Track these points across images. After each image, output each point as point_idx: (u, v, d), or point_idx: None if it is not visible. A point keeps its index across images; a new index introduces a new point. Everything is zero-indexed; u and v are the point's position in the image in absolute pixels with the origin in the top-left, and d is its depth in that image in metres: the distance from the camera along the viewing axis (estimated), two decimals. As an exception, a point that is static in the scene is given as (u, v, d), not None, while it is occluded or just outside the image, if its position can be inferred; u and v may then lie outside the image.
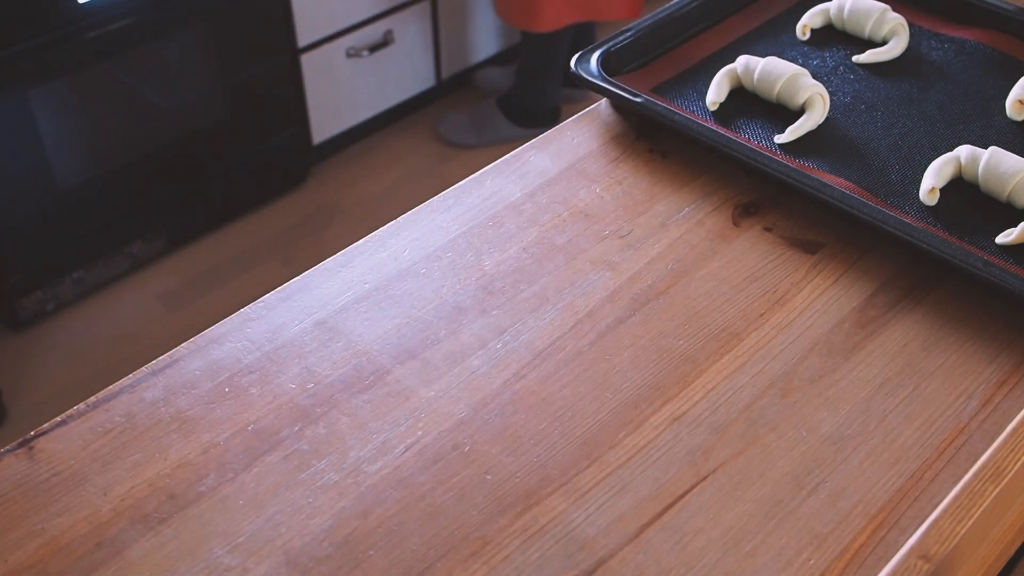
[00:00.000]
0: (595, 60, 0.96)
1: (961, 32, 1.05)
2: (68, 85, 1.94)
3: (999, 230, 0.82)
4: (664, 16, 1.04)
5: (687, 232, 0.84)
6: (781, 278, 0.81)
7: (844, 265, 0.82)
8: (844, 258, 0.82)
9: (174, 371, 0.75)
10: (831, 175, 0.86)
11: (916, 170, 0.87)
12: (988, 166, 0.85)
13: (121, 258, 2.18)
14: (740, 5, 1.10)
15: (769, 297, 0.79)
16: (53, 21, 1.85)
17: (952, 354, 0.75)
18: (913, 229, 0.80)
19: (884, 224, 0.80)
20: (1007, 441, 0.63)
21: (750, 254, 0.83)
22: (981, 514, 0.60)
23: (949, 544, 0.58)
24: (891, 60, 1.01)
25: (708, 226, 0.85)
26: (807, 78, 0.93)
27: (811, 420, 0.70)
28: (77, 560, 0.63)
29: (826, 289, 0.80)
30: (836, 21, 1.05)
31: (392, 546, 0.64)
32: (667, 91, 0.98)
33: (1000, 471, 0.62)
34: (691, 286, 0.80)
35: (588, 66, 0.95)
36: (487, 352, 0.75)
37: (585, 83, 0.94)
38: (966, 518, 0.59)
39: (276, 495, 0.67)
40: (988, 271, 0.76)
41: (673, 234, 0.84)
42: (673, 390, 0.72)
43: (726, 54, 1.02)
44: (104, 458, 0.69)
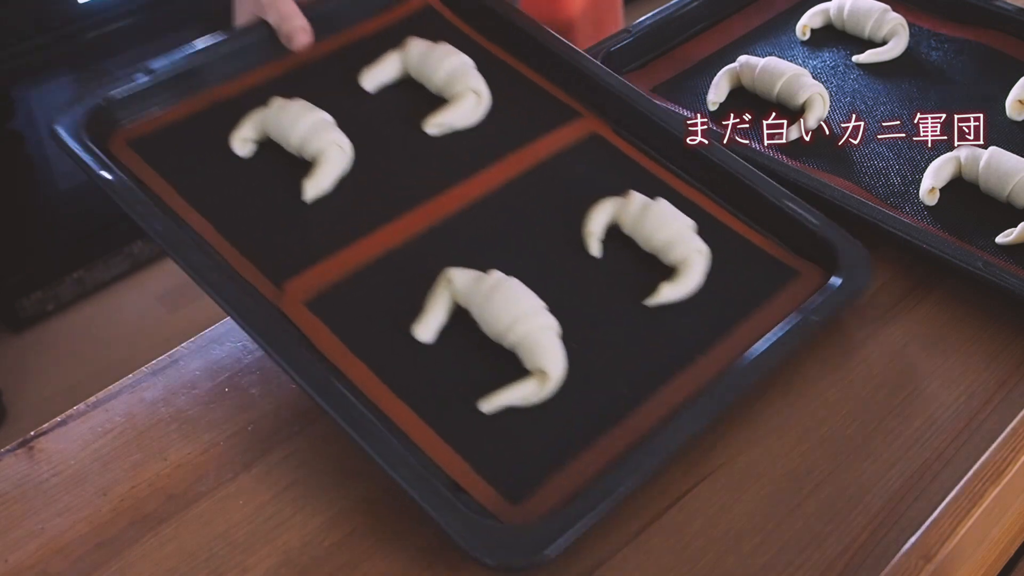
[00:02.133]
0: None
1: (961, 32, 1.05)
2: (68, 85, 1.94)
3: (999, 230, 0.81)
4: (664, 16, 1.04)
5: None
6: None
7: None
8: (844, 258, 0.82)
9: (174, 371, 0.75)
10: (831, 175, 0.86)
11: (916, 170, 0.87)
12: (988, 166, 0.84)
13: (121, 258, 2.18)
14: (740, 5, 1.10)
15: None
16: (53, 21, 1.85)
17: (952, 354, 0.75)
18: (913, 229, 0.80)
19: (884, 224, 0.80)
20: (1007, 441, 0.64)
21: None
22: (981, 514, 0.60)
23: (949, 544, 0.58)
24: (891, 60, 1.01)
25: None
26: (807, 78, 0.93)
27: (811, 420, 0.70)
28: (77, 560, 0.63)
29: (826, 289, 0.80)
30: (836, 21, 1.05)
31: (392, 546, 0.64)
32: (667, 91, 0.97)
33: (1000, 471, 0.62)
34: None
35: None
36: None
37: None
38: (966, 518, 0.59)
39: (276, 495, 0.66)
40: (988, 271, 0.76)
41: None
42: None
43: (726, 54, 1.02)
44: (104, 458, 0.69)
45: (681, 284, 0.74)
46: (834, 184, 0.84)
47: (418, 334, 0.69)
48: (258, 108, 0.81)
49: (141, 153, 0.79)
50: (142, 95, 0.82)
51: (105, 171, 0.74)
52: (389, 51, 0.87)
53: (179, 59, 0.84)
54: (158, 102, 0.82)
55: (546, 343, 0.67)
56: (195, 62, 0.84)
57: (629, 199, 0.77)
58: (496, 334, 0.68)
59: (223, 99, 0.84)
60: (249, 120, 0.80)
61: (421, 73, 0.86)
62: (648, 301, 0.73)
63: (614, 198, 0.78)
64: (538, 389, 0.66)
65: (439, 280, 0.71)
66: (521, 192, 0.80)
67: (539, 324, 0.68)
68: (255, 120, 0.80)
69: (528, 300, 0.69)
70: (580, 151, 0.84)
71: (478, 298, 0.69)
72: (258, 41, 0.87)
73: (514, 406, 0.66)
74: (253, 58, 0.86)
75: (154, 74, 0.82)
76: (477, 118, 0.84)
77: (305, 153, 0.78)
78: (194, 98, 0.83)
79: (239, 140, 0.80)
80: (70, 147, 0.76)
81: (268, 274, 0.72)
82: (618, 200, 0.78)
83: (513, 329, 0.67)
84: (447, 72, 0.84)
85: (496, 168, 0.81)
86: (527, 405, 0.66)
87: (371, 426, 0.63)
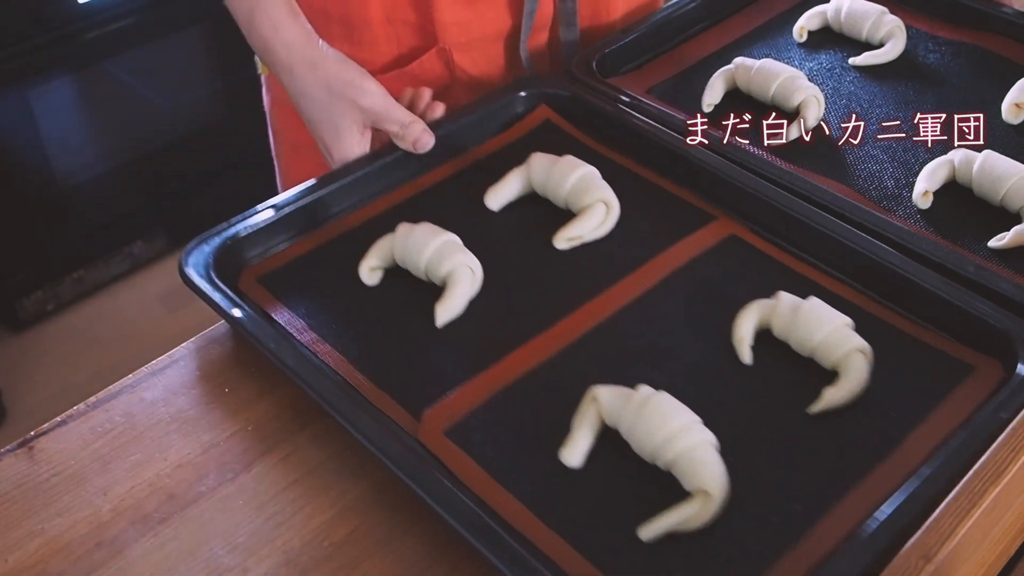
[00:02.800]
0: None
1: (959, 35, 1.05)
2: (68, 85, 1.94)
3: (992, 234, 0.81)
4: (661, 17, 1.03)
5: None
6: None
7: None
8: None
9: (174, 371, 0.75)
10: (824, 178, 0.85)
11: (910, 173, 0.87)
12: (982, 169, 0.83)
13: (121, 258, 2.18)
14: (738, 6, 1.09)
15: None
16: (53, 21, 1.85)
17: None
18: (905, 233, 0.78)
19: (876, 228, 0.78)
20: (1007, 441, 0.63)
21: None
22: (981, 514, 0.60)
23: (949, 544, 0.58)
24: (888, 62, 1.01)
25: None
26: (803, 80, 0.92)
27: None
28: (77, 560, 0.63)
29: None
30: (833, 23, 1.04)
31: (393, 546, 0.64)
32: (663, 92, 0.97)
33: (1000, 471, 0.62)
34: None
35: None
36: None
37: None
38: (966, 518, 0.59)
39: (276, 495, 0.67)
40: (979, 276, 0.75)
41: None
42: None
43: (723, 55, 1.01)
44: (104, 458, 0.69)
45: (844, 387, 0.68)
46: (827, 187, 0.83)
47: (566, 459, 0.65)
48: (384, 236, 0.79)
49: (271, 288, 0.77)
50: (268, 231, 0.81)
51: (236, 309, 0.73)
52: (512, 168, 0.85)
53: (302, 193, 0.83)
54: (284, 237, 0.82)
55: (705, 460, 0.62)
56: (318, 195, 0.83)
57: (778, 300, 0.72)
58: (649, 453, 0.64)
59: (347, 229, 0.83)
60: (376, 248, 0.78)
61: (547, 187, 0.83)
62: (811, 409, 0.68)
63: (761, 301, 0.73)
64: (701, 511, 0.61)
65: (585, 399, 0.66)
66: (661, 301, 0.76)
67: (696, 440, 0.63)
68: (382, 247, 0.78)
69: (681, 415, 0.64)
70: (718, 254, 0.80)
71: (627, 416, 0.64)
72: (379, 170, 0.86)
73: (676, 531, 0.61)
74: (374, 187, 0.86)
75: (279, 210, 0.81)
76: (607, 229, 0.81)
77: (434, 276, 0.76)
78: (319, 231, 0.82)
79: (367, 269, 0.78)
80: (200, 287, 0.75)
81: (404, 404, 0.69)
82: (766, 302, 0.73)
83: (667, 447, 0.63)
84: (573, 184, 0.82)
85: (632, 279, 0.78)
86: (690, 529, 0.61)
87: (527, 564, 0.59)
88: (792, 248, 0.80)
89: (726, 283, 0.77)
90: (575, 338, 0.73)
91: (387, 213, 0.84)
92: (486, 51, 0.98)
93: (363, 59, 0.92)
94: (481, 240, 0.79)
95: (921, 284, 0.74)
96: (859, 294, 0.76)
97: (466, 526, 0.60)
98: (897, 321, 0.74)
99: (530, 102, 0.93)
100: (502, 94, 0.93)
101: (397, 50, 0.95)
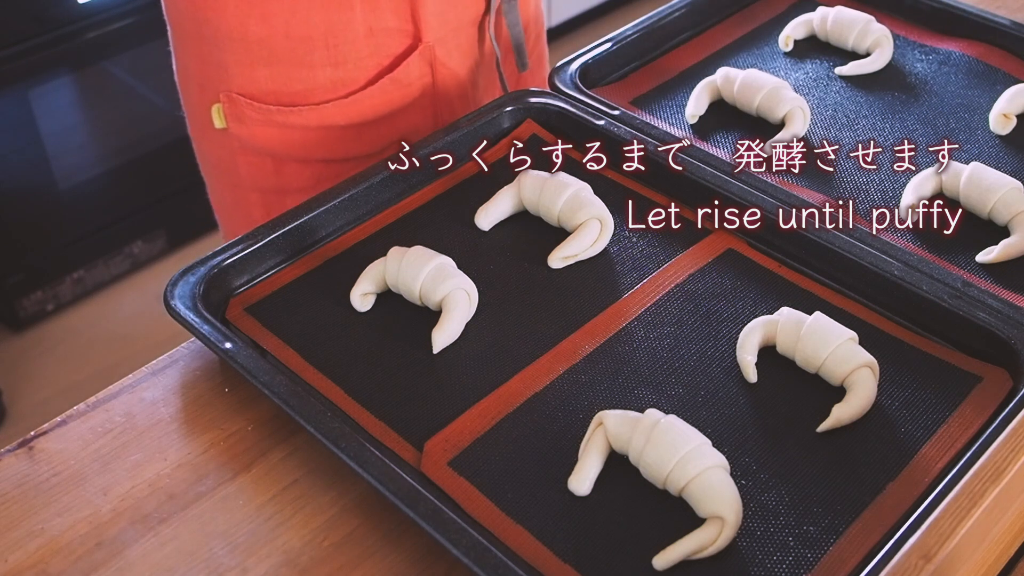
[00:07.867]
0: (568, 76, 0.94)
1: (946, 43, 1.03)
2: (68, 85, 1.94)
3: (980, 247, 0.79)
4: (644, 27, 1.01)
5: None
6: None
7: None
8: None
9: (174, 371, 0.75)
10: (809, 190, 0.84)
11: (897, 186, 0.85)
12: (969, 181, 0.82)
13: (121, 258, 2.18)
14: (722, 16, 1.07)
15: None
16: (53, 21, 1.85)
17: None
18: (891, 248, 0.77)
19: (862, 243, 0.77)
20: (1007, 441, 0.63)
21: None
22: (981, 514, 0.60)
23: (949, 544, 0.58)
24: (874, 72, 0.99)
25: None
26: (788, 91, 0.91)
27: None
28: (77, 560, 0.63)
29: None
30: (820, 32, 1.03)
31: (393, 546, 0.64)
32: (646, 103, 0.95)
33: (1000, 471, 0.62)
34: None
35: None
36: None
37: None
38: (966, 518, 0.59)
39: (276, 495, 0.66)
40: (966, 290, 0.73)
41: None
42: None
43: (708, 65, 0.99)
44: (104, 458, 0.69)
45: (853, 403, 0.67)
46: (812, 200, 0.81)
47: (575, 487, 0.63)
48: (375, 261, 0.77)
49: (259, 318, 0.76)
50: (254, 258, 0.79)
51: (227, 342, 0.71)
52: (502, 187, 0.84)
53: (287, 218, 0.81)
54: (271, 264, 0.80)
55: (717, 484, 0.61)
56: (304, 220, 0.81)
57: (782, 317, 0.71)
58: (659, 478, 0.63)
59: (336, 254, 0.81)
60: (367, 273, 0.77)
61: (539, 206, 0.82)
62: (820, 427, 0.67)
63: (764, 318, 0.72)
64: (715, 537, 0.60)
65: (591, 425, 0.65)
66: (661, 320, 0.75)
67: (707, 464, 0.61)
68: (373, 272, 0.77)
69: (692, 440, 0.62)
70: (716, 269, 0.79)
71: (636, 442, 0.63)
72: (364, 192, 0.84)
73: (690, 558, 0.60)
74: (361, 209, 0.84)
75: (265, 236, 0.79)
76: (602, 246, 0.80)
77: (429, 301, 0.74)
78: (307, 256, 0.80)
79: (359, 295, 0.76)
80: (187, 320, 0.73)
81: (406, 436, 0.67)
82: (769, 319, 0.72)
83: (679, 473, 0.61)
84: (565, 202, 0.80)
85: (631, 297, 0.76)
86: (705, 556, 0.60)
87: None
88: (790, 260, 0.79)
89: (726, 298, 0.76)
90: (576, 361, 0.72)
91: (375, 236, 0.82)
92: (459, 41, 0.99)
93: (348, 79, 0.93)
94: (474, 261, 0.78)
95: (925, 295, 0.73)
96: (861, 306, 0.76)
97: (477, 561, 0.58)
98: (902, 333, 0.74)
99: (516, 117, 0.92)
100: (487, 111, 0.91)
101: (381, 61, 0.95)
